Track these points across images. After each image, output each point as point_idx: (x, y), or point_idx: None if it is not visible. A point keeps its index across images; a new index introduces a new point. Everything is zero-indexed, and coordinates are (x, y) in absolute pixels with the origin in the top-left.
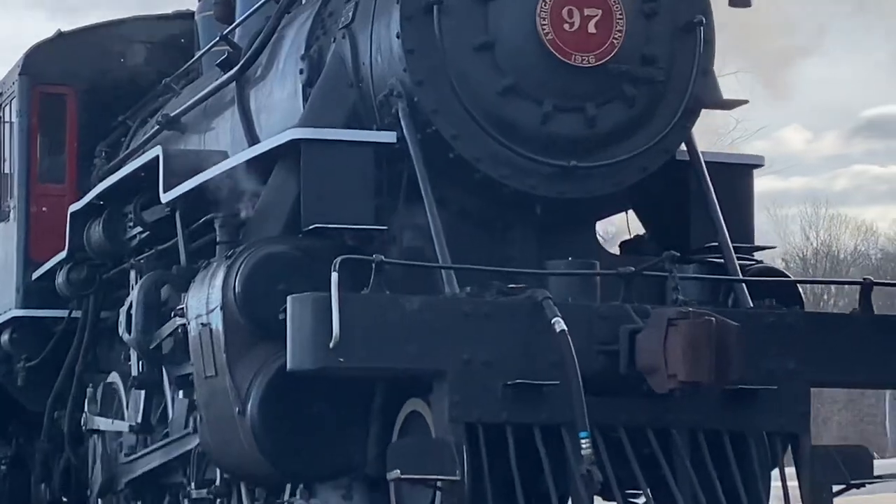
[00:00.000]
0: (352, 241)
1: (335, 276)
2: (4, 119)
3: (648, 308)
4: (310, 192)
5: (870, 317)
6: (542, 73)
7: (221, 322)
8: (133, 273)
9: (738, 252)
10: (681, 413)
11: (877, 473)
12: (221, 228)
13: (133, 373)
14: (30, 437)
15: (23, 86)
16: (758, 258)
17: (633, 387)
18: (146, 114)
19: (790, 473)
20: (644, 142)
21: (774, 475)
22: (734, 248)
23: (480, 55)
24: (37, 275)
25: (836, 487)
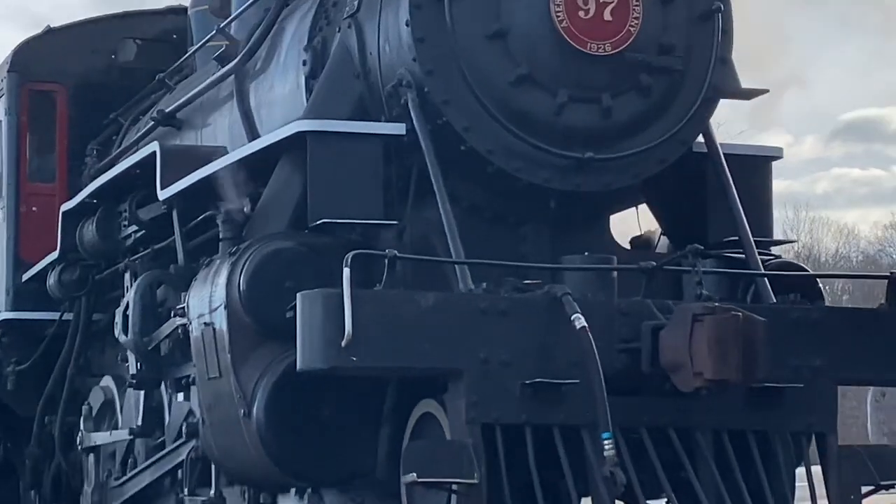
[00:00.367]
0: (358, 237)
1: (347, 272)
2: None
3: (670, 304)
4: (317, 187)
5: None
6: (557, 62)
7: (225, 321)
8: (128, 275)
9: (757, 247)
10: (705, 413)
11: None
12: (224, 224)
13: (132, 371)
14: (19, 443)
15: (11, 83)
16: (775, 253)
17: (656, 386)
18: (138, 111)
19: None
20: (661, 133)
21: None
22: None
23: (493, 43)
24: (27, 276)
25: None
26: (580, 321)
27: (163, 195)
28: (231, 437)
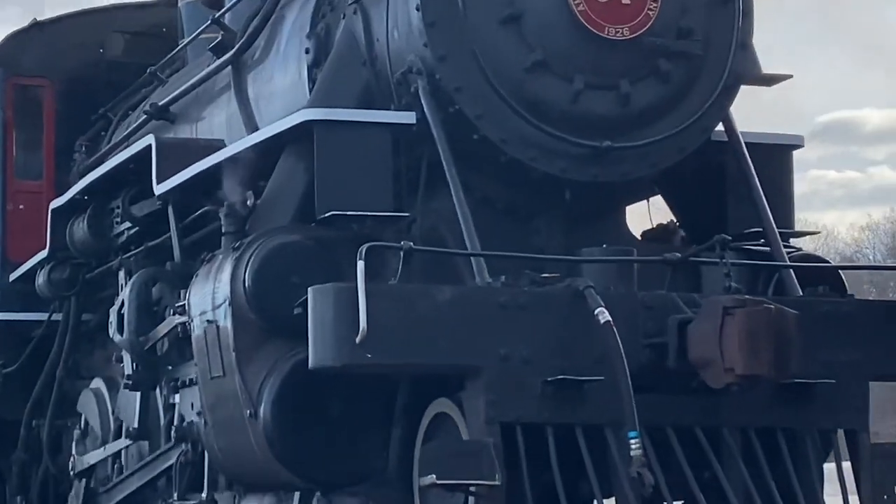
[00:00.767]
0: (366, 229)
1: (361, 265)
2: None
3: (696, 297)
4: (325, 178)
5: None
6: (573, 47)
7: (230, 318)
8: (122, 272)
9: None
10: (733, 410)
11: None
12: (227, 218)
13: (127, 371)
14: (5, 448)
15: None
16: (796, 245)
17: (683, 382)
18: (128, 106)
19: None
20: (680, 121)
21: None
22: None
23: (507, 28)
24: (14, 276)
25: None
26: (604, 315)
27: (159, 190)
28: (235, 438)
